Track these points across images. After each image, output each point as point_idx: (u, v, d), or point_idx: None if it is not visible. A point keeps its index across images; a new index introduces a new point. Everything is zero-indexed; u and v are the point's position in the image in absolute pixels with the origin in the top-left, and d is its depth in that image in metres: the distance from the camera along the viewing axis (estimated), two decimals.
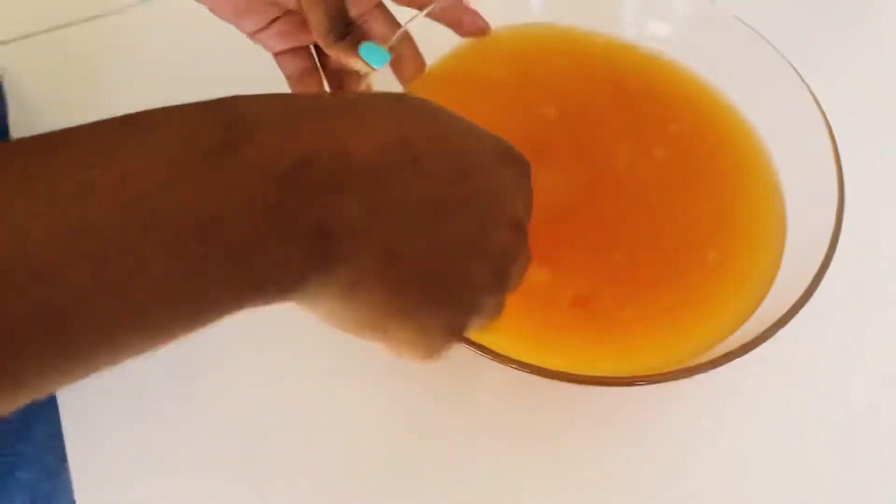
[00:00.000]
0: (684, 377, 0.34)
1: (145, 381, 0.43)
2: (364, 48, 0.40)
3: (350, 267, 0.24)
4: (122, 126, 0.21)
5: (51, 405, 0.48)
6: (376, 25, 0.45)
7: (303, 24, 0.43)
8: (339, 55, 0.40)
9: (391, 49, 0.43)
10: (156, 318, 0.21)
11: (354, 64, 0.41)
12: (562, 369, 0.34)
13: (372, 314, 0.26)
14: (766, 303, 0.38)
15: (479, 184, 0.28)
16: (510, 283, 0.30)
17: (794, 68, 0.43)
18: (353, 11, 0.43)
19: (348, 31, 0.40)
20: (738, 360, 0.34)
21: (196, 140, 0.21)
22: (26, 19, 0.57)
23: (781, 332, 0.35)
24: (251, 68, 0.45)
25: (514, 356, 0.34)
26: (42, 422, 0.50)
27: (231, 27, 0.44)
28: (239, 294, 0.22)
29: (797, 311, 0.35)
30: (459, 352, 0.34)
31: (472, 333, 0.32)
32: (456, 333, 0.29)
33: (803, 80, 0.43)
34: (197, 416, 0.42)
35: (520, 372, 0.34)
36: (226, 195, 0.21)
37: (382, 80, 0.43)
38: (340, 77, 0.47)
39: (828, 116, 0.42)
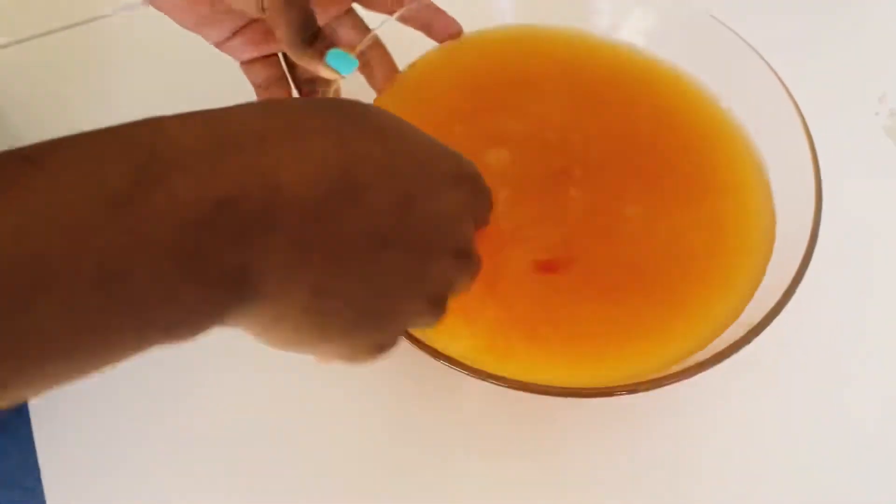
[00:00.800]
0: (666, 385, 0.34)
1: (120, 397, 0.42)
2: (331, 55, 0.39)
3: (272, 304, 0.23)
4: (24, 164, 0.19)
5: (24, 423, 0.47)
6: (345, 31, 0.44)
7: (269, 33, 0.42)
8: (306, 63, 0.39)
9: (360, 55, 0.42)
10: (52, 369, 0.20)
11: (322, 71, 0.40)
12: (544, 382, 0.33)
13: (294, 339, 0.26)
14: (750, 305, 0.38)
15: (424, 213, 0.27)
16: (448, 301, 0.30)
17: (768, 63, 0.43)
18: (322, 18, 0.42)
19: (315, 38, 0.39)
20: (725, 362, 0.34)
21: (104, 182, 0.19)
22: (17, 24, 0.56)
23: (766, 335, 0.34)
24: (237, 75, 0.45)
25: (491, 370, 0.33)
26: (15, 440, 0.49)
27: None
28: (145, 339, 0.21)
29: (777, 314, 0.35)
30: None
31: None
32: (384, 350, 0.29)
33: (777, 76, 0.43)
34: (174, 431, 0.41)
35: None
36: (134, 244, 0.19)
37: (353, 85, 0.42)
38: (311, 83, 0.46)
39: (806, 116, 0.41)
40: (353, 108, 0.27)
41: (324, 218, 0.23)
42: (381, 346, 0.29)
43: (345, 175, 0.24)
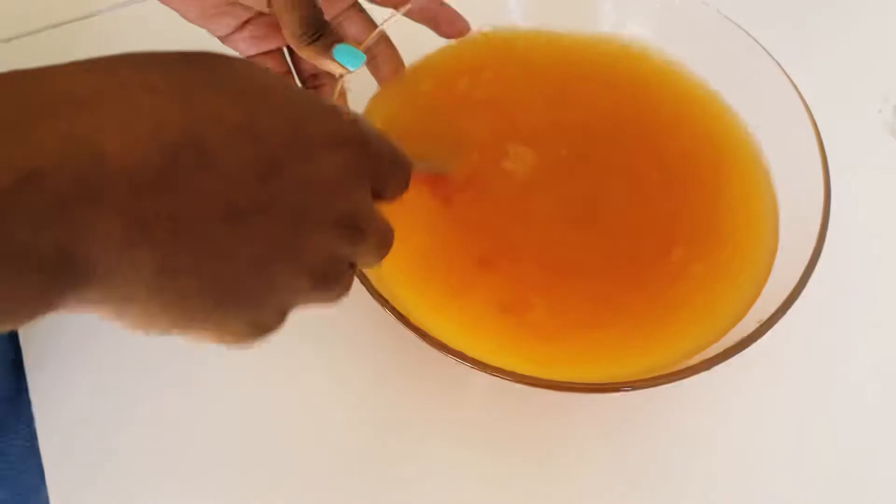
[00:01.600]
0: (674, 381, 0.34)
1: (123, 396, 0.42)
2: (338, 50, 0.39)
3: (113, 286, 0.21)
4: None
5: (27, 422, 0.47)
6: (352, 26, 0.44)
7: (275, 27, 0.42)
8: (312, 57, 0.39)
9: (367, 50, 0.42)
10: None
11: (329, 66, 0.39)
12: (545, 377, 0.33)
13: (150, 321, 0.22)
14: (757, 304, 0.38)
15: (292, 178, 0.24)
16: (343, 279, 0.27)
17: (777, 62, 0.43)
18: (328, 12, 0.42)
19: (322, 33, 0.39)
20: (732, 358, 0.34)
21: None
22: (18, 18, 0.56)
23: (776, 332, 0.34)
24: None
25: (497, 364, 0.33)
26: (18, 439, 0.49)
27: None
28: None
29: (784, 312, 0.35)
30: (445, 359, 0.33)
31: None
32: (266, 331, 0.26)
33: (783, 70, 0.43)
34: (173, 427, 0.41)
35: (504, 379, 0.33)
36: None
37: (359, 80, 0.42)
38: (315, 79, 0.46)
39: (815, 116, 0.41)
40: (206, 62, 0.24)
41: (163, 188, 0.20)
42: (260, 326, 0.25)
43: (189, 139, 0.21)
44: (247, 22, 0.43)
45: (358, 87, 0.42)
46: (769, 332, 0.34)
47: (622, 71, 0.48)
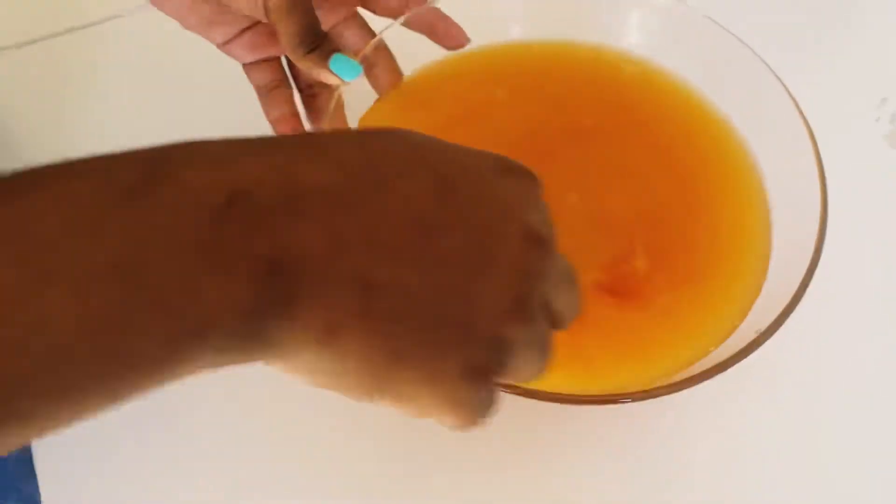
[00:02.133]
0: (671, 393, 0.34)
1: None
2: (335, 60, 0.39)
3: (319, 306, 0.21)
4: (44, 171, 0.19)
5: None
6: (350, 36, 0.44)
7: (273, 35, 0.42)
8: (309, 67, 0.39)
9: (364, 60, 0.42)
10: (68, 380, 0.18)
11: (325, 77, 0.39)
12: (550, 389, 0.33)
13: (362, 365, 0.22)
14: (754, 314, 0.38)
15: (470, 195, 0.24)
16: (551, 313, 0.25)
17: (773, 70, 0.43)
18: (327, 21, 0.42)
19: (319, 43, 0.39)
20: (730, 370, 0.34)
21: (111, 180, 0.19)
22: (9, 30, 0.56)
23: (771, 342, 0.34)
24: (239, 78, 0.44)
25: None
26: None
27: None
28: (174, 347, 0.19)
29: (781, 324, 0.35)
30: None
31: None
32: (480, 376, 0.23)
33: (782, 83, 0.43)
34: (171, 437, 0.41)
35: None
36: (147, 234, 0.18)
37: (357, 91, 0.42)
38: (312, 89, 0.46)
39: (811, 123, 0.41)
40: (375, 129, 0.25)
41: (354, 205, 0.22)
42: (472, 371, 0.23)
43: (370, 165, 0.23)
44: (245, 30, 0.43)
45: (356, 97, 0.42)
46: (767, 343, 0.34)
47: (617, 80, 0.48)
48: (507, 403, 0.36)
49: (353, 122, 0.42)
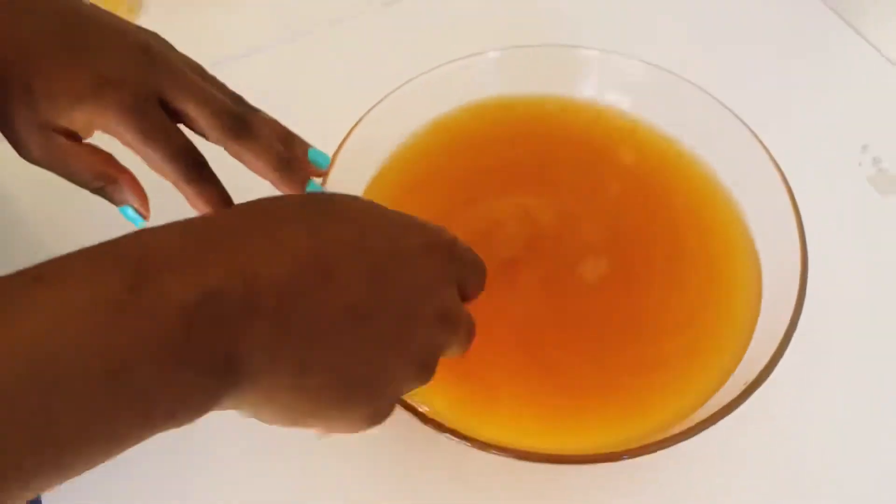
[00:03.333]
0: (659, 449, 0.34)
1: None
2: (310, 185, 0.41)
3: (262, 383, 0.25)
4: (35, 284, 0.22)
5: None
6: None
7: None
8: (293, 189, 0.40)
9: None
10: (68, 460, 0.22)
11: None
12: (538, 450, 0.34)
13: (288, 413, 0.27)
14: (741, 367, 0.39)
15: (397, 282, 0.28)
16: (436, 363, 0.31)
17: (746, 124, 0.45)
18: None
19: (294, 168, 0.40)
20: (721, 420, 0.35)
21: (102, 288, 0.22)
22: None
23: (763, 392, 0.35)
24: None
25: (489, 441, 0.34)
26: None
27: None
28: (150, 425, 0.23)
29: (766, 377, 0.36)
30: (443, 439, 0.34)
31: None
32: (380, 418, 0.30)
33: (756, 136, 0.44)
34: (173, 443, 0.42)
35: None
36: (133, 339, 0.22)
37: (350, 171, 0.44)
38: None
39: (789, 169, 0.43)
40: (323, 198, 0.30)
41: (299, 298, 0.25)
42: (376, 414, 0.30)
43: (316, 257, 0.26)
44: None
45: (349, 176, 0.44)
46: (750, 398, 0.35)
47: (602, 137, 0.50)
48: (505, 465, 0.37)
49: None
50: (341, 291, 0.27)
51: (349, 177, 0.44)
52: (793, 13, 0.65)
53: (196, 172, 0.38)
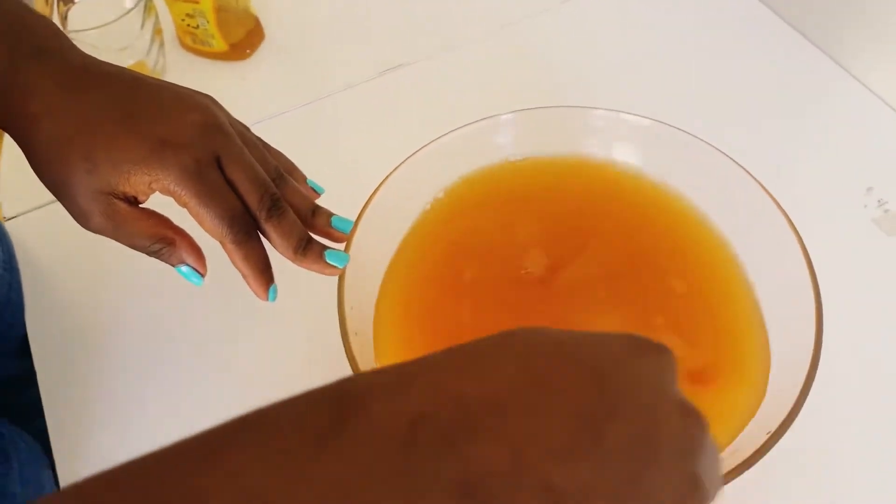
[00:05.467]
0: None
1: (129, 390, 0.46)
2: (329, 255, 0.42)
3: None
4: (239, 426, 0.21)
5: (44, 449, 0.51)
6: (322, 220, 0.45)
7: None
8: (309, 267, 0.42)
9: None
10: None
11: (324, 270, 0.42)
12: None
13: None
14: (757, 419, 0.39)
15: (622, 381, 0.25)
16: (706, 484, 0.25)
17: (754, 176, 0.45)
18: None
19: (308, 245, 0.42)
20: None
21: (306, 425, 0.21)
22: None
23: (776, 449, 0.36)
24: None
25: None
26: (34, 465, 0.53)
27: None
28: None
29: (790, 423, 0.36)
30: None
31: None
32: None
33: (763, 187, 0.45)
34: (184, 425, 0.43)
35: None
36: (345, 472, 0.20)
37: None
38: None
39: (795, 214, 0.43)
40: (512, 330, 0.26)
41: (521, 412, 0.22)
42: None
43: (524, 369, 0.24)
44: None
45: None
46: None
47: (612, 195, 0.51)
48: None
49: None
50: (563, 399, 0.23)
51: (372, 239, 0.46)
52: (796, 65, 0.67)
53: (244, 236, 0.39)
